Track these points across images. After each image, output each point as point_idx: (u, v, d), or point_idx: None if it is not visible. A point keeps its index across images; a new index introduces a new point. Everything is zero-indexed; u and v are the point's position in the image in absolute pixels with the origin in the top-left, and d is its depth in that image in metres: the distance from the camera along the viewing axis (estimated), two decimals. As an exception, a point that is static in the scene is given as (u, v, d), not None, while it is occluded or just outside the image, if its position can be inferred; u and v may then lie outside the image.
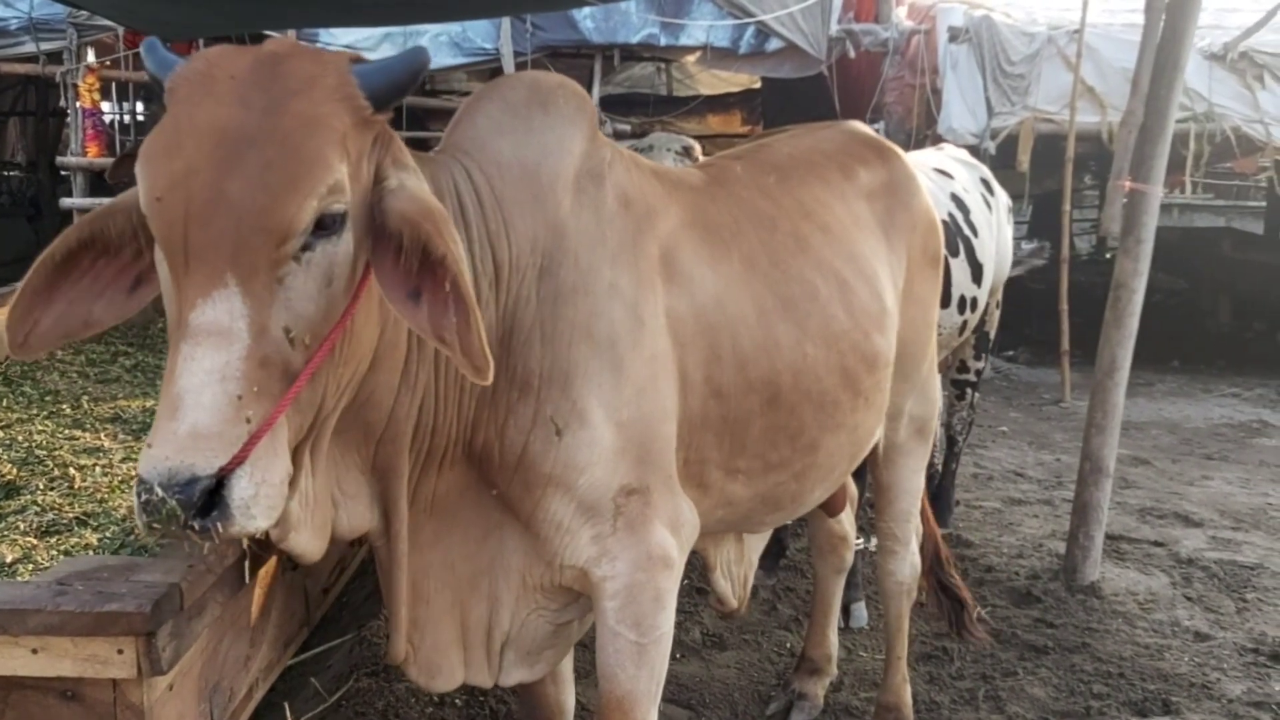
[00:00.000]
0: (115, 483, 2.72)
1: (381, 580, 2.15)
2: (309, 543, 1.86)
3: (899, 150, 3.02)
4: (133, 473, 2.79)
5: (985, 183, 4.93)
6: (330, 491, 1.93)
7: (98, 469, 2.79)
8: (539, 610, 2.28)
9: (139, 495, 1.46)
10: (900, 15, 9.35)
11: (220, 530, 1.48)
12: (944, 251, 3.15)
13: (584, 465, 2.11)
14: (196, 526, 1.47)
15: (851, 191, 2.82)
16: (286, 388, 1.58)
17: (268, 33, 9.11)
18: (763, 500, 2.60)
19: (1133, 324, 4.66)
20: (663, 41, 9.26)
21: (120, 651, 1.54)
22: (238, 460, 1.49)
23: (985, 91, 8.55)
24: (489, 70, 10.23)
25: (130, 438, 3.09)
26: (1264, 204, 13.72)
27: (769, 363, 2.44)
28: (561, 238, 2.13)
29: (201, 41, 8.79)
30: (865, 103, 9.20)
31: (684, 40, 9.27)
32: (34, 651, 1.54)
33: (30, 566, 2.20)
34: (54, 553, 2.29)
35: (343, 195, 1.63)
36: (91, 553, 2.31)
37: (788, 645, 4.08)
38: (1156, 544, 5.25)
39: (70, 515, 2.51)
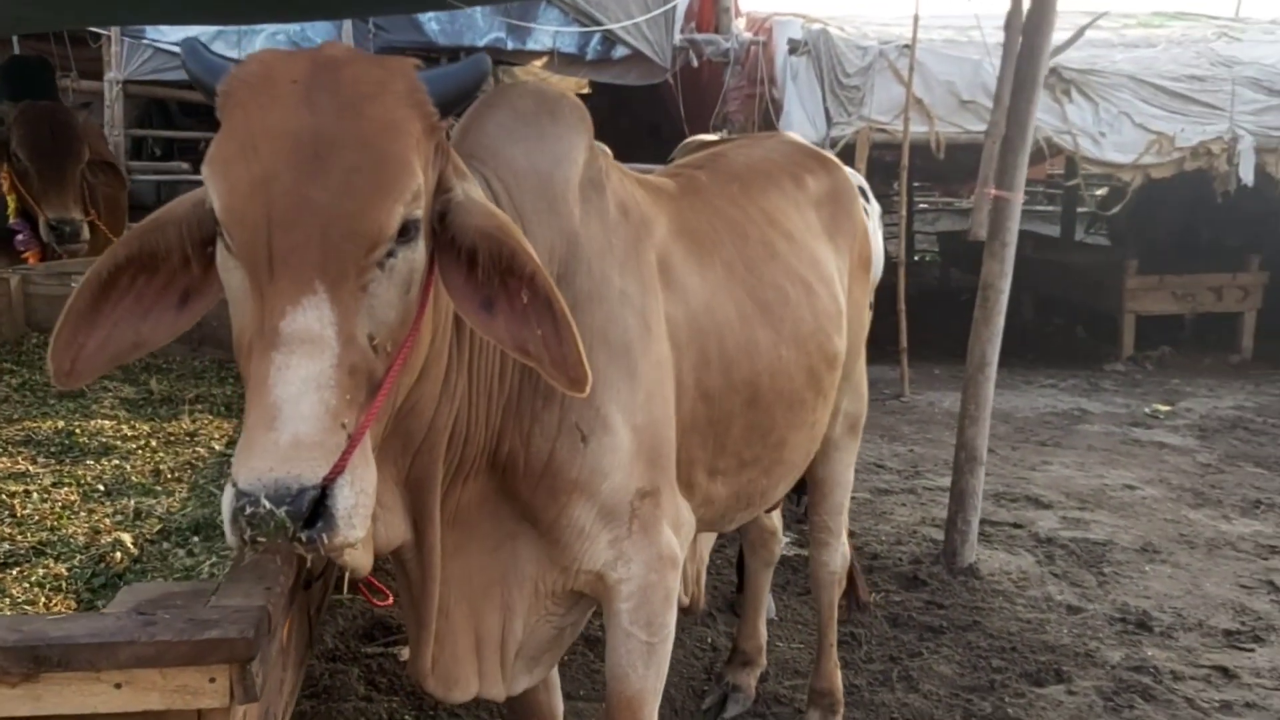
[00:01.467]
0: (58, 509, 2.58)
1: (404, 593, 2.12)
2: (363, 556, 1.83)
3: (839, 161, 3.18)
4: (71, 498, 2.66)
5: (862, 191, 5.17)
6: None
7: (34, 495, 2.64)
8: (548, 617, 2.29)
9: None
10: (739, 26, 9.66)
11: (325, 542, 1.44)
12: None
13: (608, 470, 2.14)
14: (304, 539, 1.43)
15: (803, 199, 2.95)
16: (371, 396, 1.56)
17: (93, 29, 8.60)
18: (737, 498, 2.69)
19: (999, 322, 5.01)
20: (510, 46, 9.23)
21: (212, 680, 1.48)
22: (338, 470, 1.45)
23: (824, 102, 8.94)
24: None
25: (51, 460, 2.92)
26: (1056, 208, 14.85)
27: (750, 365, 2.53)
28: (576, 246, 2.16)
29: (15, 39, 8.22)
30: (709, 111, 9.46)
31: (531, 45, 9.27)
32: (117, 686, 1.46)
33: (7, 600, 2.07)
34: (25, 584, 2.17)
35: (421, 201, 1.62)
36: (64, 583, 2.20)
37: (709, 640, 4.18)
38: (1016, 526, 5.65)
39: (25, 545, 2.37)
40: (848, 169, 5.35)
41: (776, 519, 3.75)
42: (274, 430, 1.43)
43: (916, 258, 18.07)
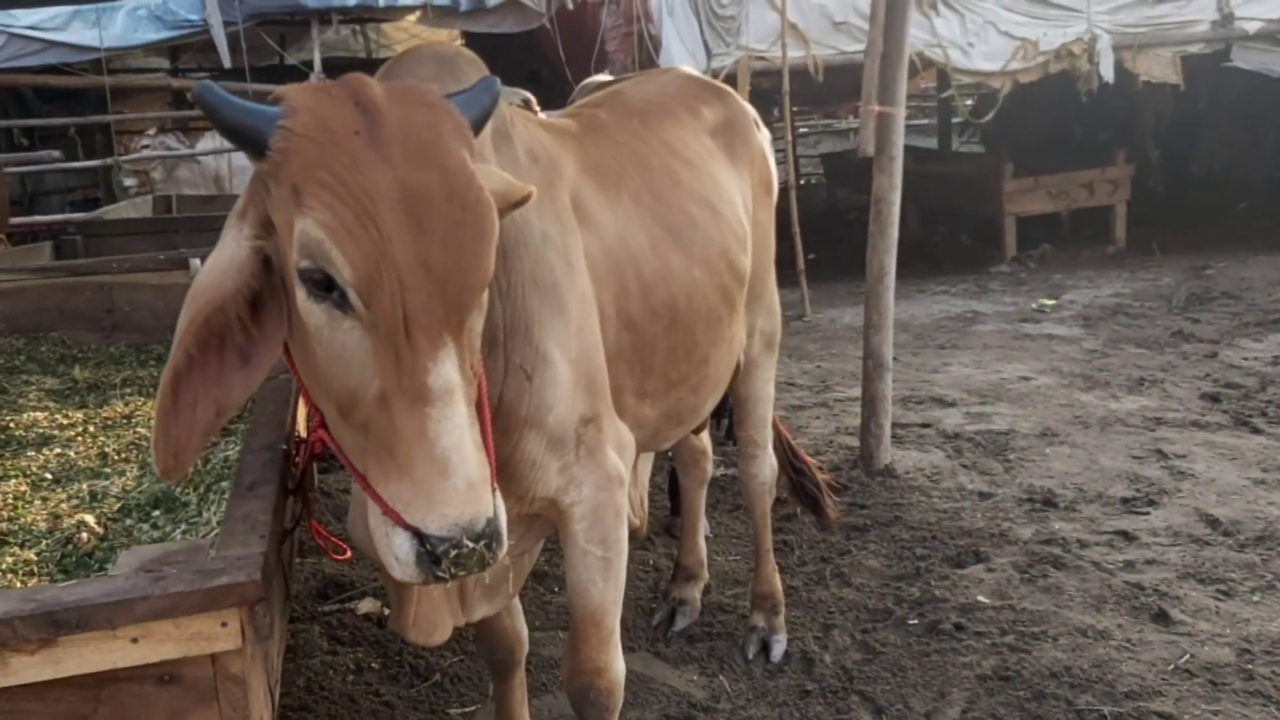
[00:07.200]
0: (11, 500, 2.64)
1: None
2: None
3: (732, 90, 3.32)
4: (21, 488, 2.72)
5: (755, 121, 5.33)
6: None
7: (-25, 490, 2.67)
8: (503, 548, 2.43)
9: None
10: (611, -34, 9.67)
11: (498, 554, 1.67)
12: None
13: (553, 403, 2.27)
14: (493, 560, 1.65)
15: (700, 128, 3.09)
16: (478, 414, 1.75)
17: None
18: (668, 417, 2.85)
19: (894, 233, 5.23)
20: (381, 3, 9.12)
21: (224, 625, 1.58)
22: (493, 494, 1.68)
23: (702, 34, 9.05)
24: (189, 44, 9.71)
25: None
26: (932, 121, 15.24)
27: (667, 290, 2.68)
28: None
29: None
30: (589, 53, 9.50)
31: (403, 0, 9.17)
32: (134, 641, 1.55)
33: (-8, 586, 2.13)
34: None
35: None
36: (34, 567, 2.26)
37: (649, 561, 4.38)
38: (924, 425, 5.95)
39: (-13, 536, 2.41)
40: (745, 104, 5.53)
41: (706, 440, 3.93)
42: (449, 478, 1.62)
43: (803, 181, 18.42)
